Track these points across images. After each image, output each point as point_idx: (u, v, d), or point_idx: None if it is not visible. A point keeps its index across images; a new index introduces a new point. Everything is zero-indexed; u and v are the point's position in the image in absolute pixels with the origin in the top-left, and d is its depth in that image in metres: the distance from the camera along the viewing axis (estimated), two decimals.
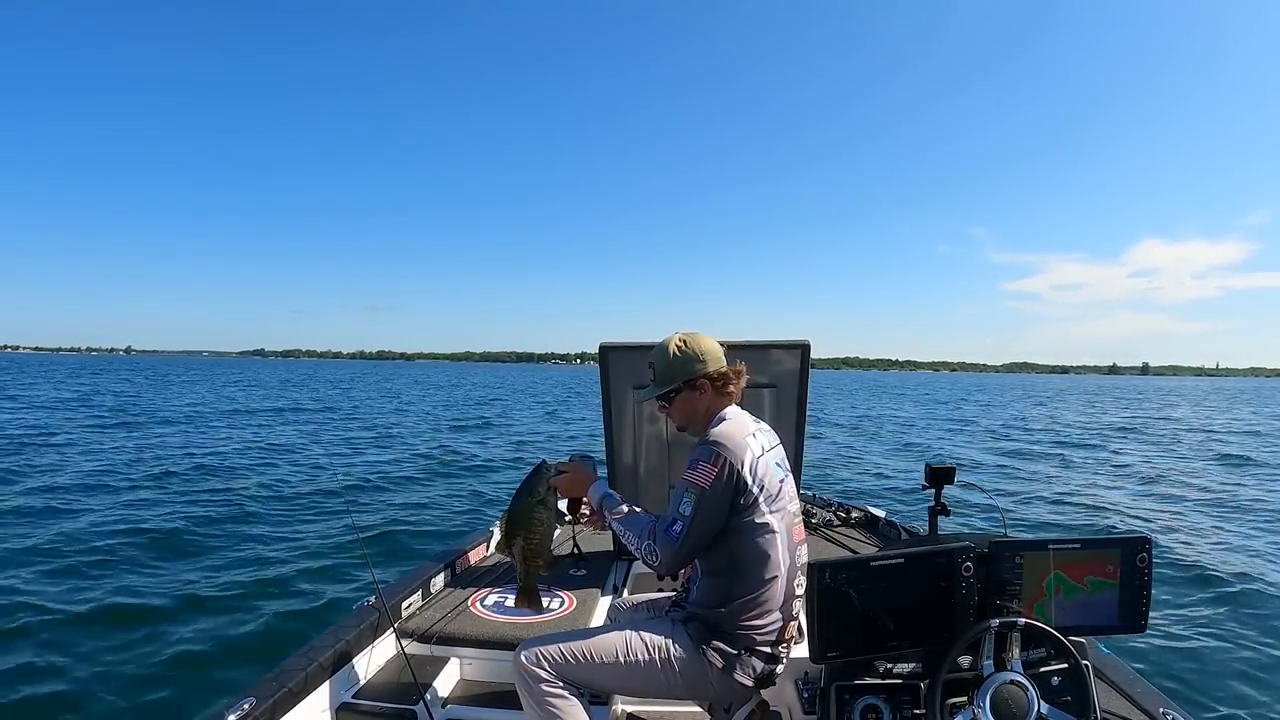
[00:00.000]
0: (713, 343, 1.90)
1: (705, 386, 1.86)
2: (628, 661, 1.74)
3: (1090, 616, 1.59)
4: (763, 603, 1.74)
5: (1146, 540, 1.59)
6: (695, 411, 1.88)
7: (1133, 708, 1.77)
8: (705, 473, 1.69)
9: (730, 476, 1.69)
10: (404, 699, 2.07)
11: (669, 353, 1.88)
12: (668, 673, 1.74)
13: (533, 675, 1.72)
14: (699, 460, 1.72)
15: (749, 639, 1.73)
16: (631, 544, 1.79)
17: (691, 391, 1.87)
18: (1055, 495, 9.68)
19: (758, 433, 1.83)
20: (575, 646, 1.76)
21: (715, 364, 1.87)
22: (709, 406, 1.87)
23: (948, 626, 1.55)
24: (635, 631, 1.79)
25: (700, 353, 1.86)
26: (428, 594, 2.67)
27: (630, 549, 1.81)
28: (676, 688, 1.79)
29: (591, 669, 1.75)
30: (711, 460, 1.70)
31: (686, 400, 1.88)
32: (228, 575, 5.29)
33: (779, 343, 2.88)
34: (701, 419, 1.87)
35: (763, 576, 1.73)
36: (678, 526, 1.70)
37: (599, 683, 1.81)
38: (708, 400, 1.87)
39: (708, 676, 1.74)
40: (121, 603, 4.62)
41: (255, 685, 1.86)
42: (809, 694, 1.93)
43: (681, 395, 1.88)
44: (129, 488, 8.60)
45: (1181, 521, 7.94)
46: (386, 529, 6.88)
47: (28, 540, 5.97)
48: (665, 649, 1.75)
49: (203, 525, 6.78)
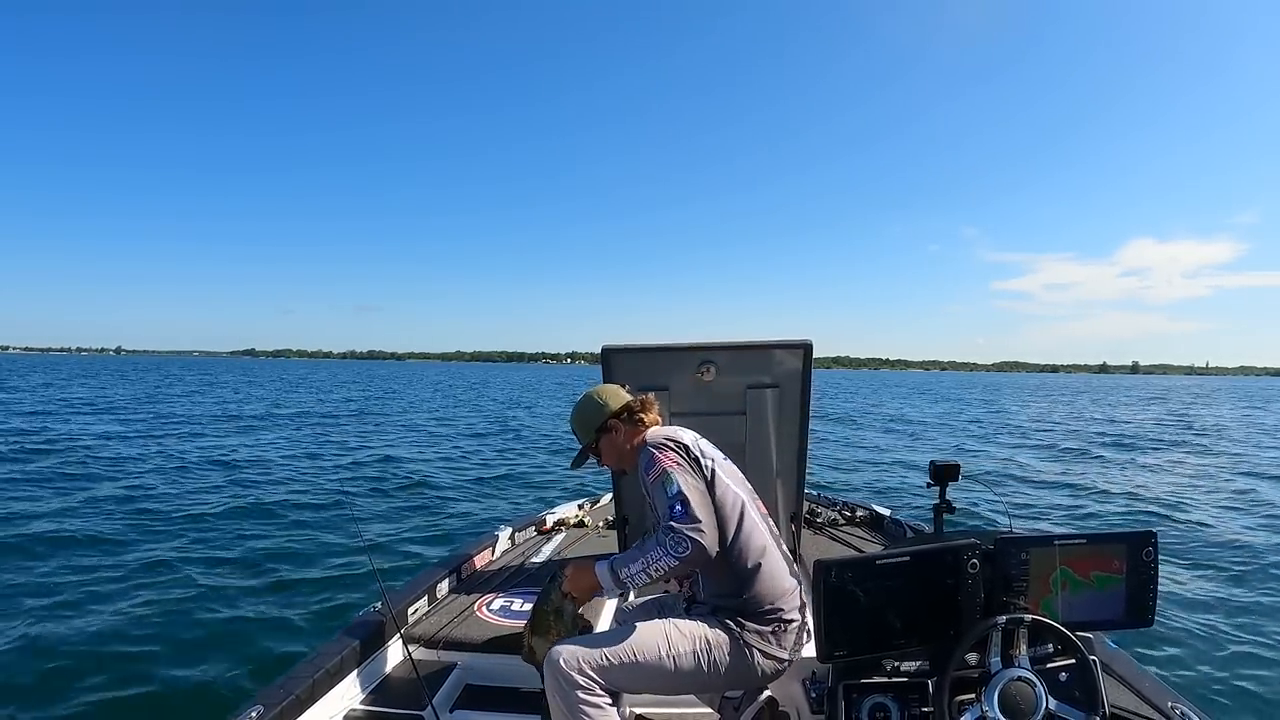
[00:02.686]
0: (613, 388, 2.08)
1: (617, 426, 2.01)
2: (671, 656, 1.73)
3: (1097, 612, 1.59)
4: (770, 573, 1.79)
5: (1152, 535, 1.59)
6: (620, 450, 2.02)
7: (1141, 702, 1.77)
8: (663, 458, 1.79)
9: (680, 450, 1.82)
10: (411, 704, 2.07)
11: (577, 411, 2.06)
12: (710, 662, 1.74)
13: (570, 680, 1.67)
14: (649, 460, 1.82)
15: (778, 611, 1.78)
16: (661, 567, 1.70)
17: (607, 435, 2.02)
18: (1060, 491, 9.68)
19: (684, 430, 1.96)
20: (614, 647, 1.73)
21: (617, 402, 2.02)
22: (628, 440, 2.00)
23: (954, 624, 1.55)
24: (672, 624, 1.79)
25: (601, 400, 2.03)
26: (434, 599, 2.67)
27: (659, 568, 1.70)
28: (720, 679, 1.79)
29: (634, 668, 1.72)
30: (657, 449, 1.82)
31: (608, 444, 2.03)
32: (232, 581, 5.29)
33: (781, 343, 2.89)
34: (630, 455, 1.98)
35: (756, 549, 1.80)
36: (677, 507, 1.71)
37: (640, 682, 1.78)
38: (624, 436, 2.01)
39: (749, 661, 1.75)
40: (120, 608, 4.61)
41: (261, 694, 1.85)
42: (816, 693, 1.93)
43: (603, 442, 2.03)
44: (130, 485, 8.61)
45: (1188, 515, 7.93)
46: (392, 534, 6.88)
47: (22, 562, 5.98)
48: (705, 639, 1.76)
49: (206, 531, 6.78)
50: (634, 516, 3.18)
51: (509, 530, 3.57)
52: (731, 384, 2.94)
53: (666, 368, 2.90)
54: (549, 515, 3.96)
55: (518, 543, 3.58)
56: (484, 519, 7.67)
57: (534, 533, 3.75)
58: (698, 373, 2.89)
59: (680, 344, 2.91)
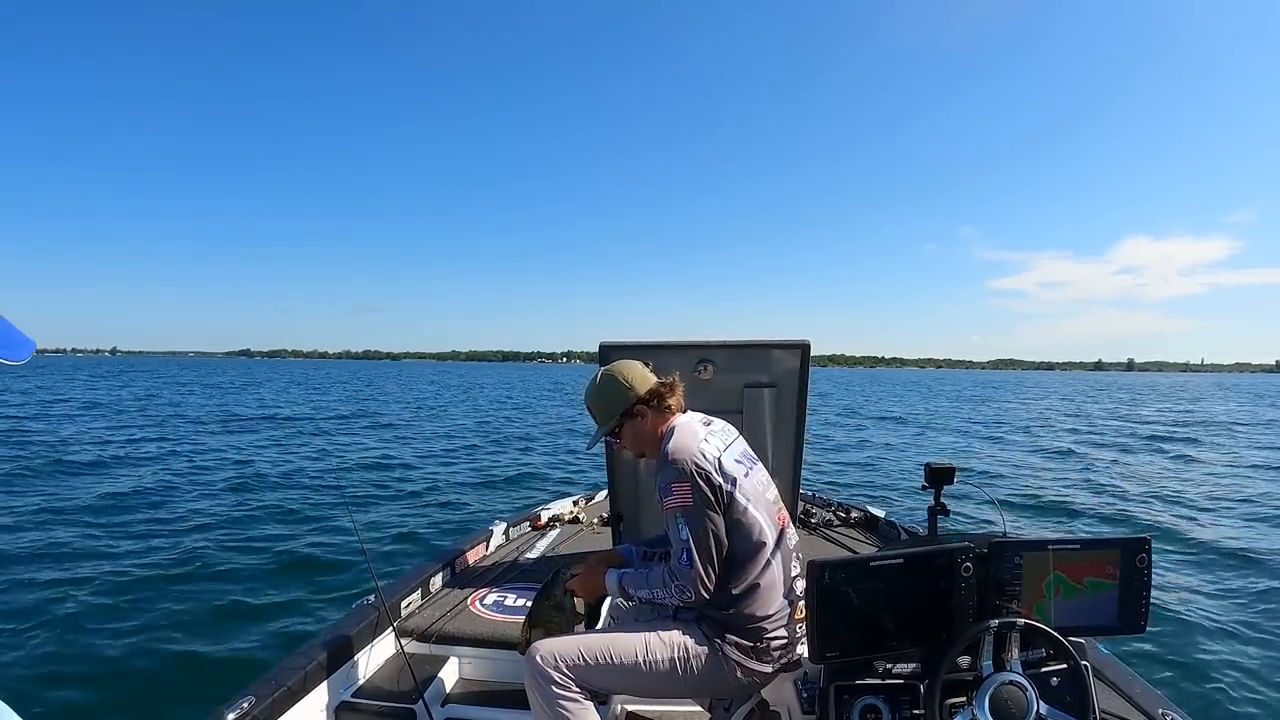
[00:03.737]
0: (636, 366, 1.96)
1: (643, 411, 1.91)
2: (647, 662, 1.74)
3: (1089, 617, 1.59)
4: (765, 591, 1.77)
5: (1146, 541, 1.58)
6: (644, 436, 1.93)
7: (1132, 708, 1.77)
8: (681, 492, 1.73)
9: (703, 482, 1.73)
10: (403, 698, 2.07)
11: (599, 392, 1.94)
12: (686, 671, 1.75)
13: (546, 676, 1.71)
14: (669, 484, 1.75)
15: (761, 629, 1.76)
16: (665, 598, 1.77)
17: (632, 420, 1.92)
18: (1055, 494, 9.70)
19: (710, 435, 1.86)
20: (593, 647, 1.76)
21: (644, 386, 1.91)
22: (654, 427, 1.91)
23: (947, 627, 1.55)
24: (653, 631, 1.79)
25: (625, 380, 1.91)
26: (427, 593, 2.67)
27: (667, 602, 1.78)
28: (694, 686, 1.80)
29: (610, 670, 1.74)
30: (681, 478, 1.74)
31: (631, 429, 1.93)
32: (225, 573, 5.29)
33: (779, 342, 2.89)
34: (653, 441, 1.91)
35: (757, 566, 1.76)
36: (684, 557, 1.71)
37: (615, 683, 1.81)
38: (650, 422, 1.91)
39: (725, 672, 1.75)
40: (115, 600, 4.61)
41: (254, 684, 1.85)
42: (808, 694, 1.93)
43: (625, 426, 1.93)
44: (128, 487, 8.60)
45: (1182, 521, 7.94)
46: (386, 528, 6.88)
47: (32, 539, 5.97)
48: (684, 648, 1.76)
49: (200, 525, 6.77)
50: (628, 512, 3.18)
51: (503, 526, 3.56)
52: (729, 382, 2.94)
53: (664, 365, 2.89)
54: (543, 511, 3.96)
55: (512, 538, 3.58)
56: (479, 514, 7.67)
57: (528, 528, 3.75)
58: (695, 371, 2.89)
59: (678, 341, 2.90)
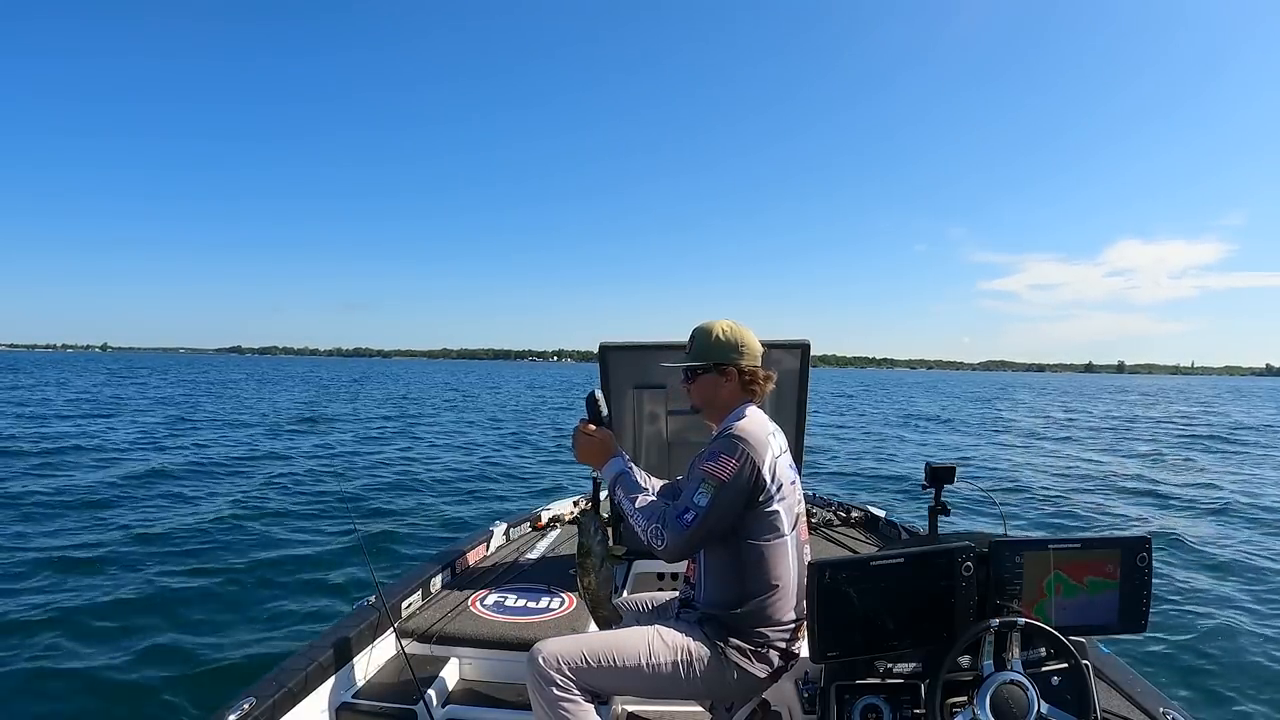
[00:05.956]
0: (756, 340, 1.93)
1: (734, 375, 1.87)
2: (649, 663, 1.73)
3: (1090, 616, 1.59)
4: (776, 601, 1.76)
5: (1146, 541, 1.59)
6: (715, 396, 1.89)
7: (1133, 707, 1.77)
8: (726, 465, 1.70)
9: (751, 473, 1.71)
10: (404, 699, 2.07)
11: (711, 334, 1.90)
12: (689, 674, 1.74)
13: (547, 677, 1.69)
14: (720, 453, 1.72)
15: (765, 636, 1.76)
16: (639, 524, 1.78)
17: (719, 375, 1.88)
18: (1056, 494, 9.69)
19: (775, 433, 1.85)
20: (595, 648, 1.74)
21: (750, 359, 1.89)
22: (730, 397, 1.88)
23: (948, 626, 1.55)
24: (655, 632, 1.78)
25: (740, 343, 1.89)
26: (428, 594, 2.67)
27: (636, 529, 1.79)
28: (695, 688, 1.79)
29: (611, 671, 1.73)
30: (734, 454, 1.71)
31: (711, 382, 1.89)
32: (227, 573, 5.28)
33: (779, 342, 2.88)
34: (719, 406, 1.89)
35: (774, 575, 1.75)
36: (689, 515, 1.69)
37: (617, 684, 1.79)
38: (730, 390, 1.88)
39: (726, 675, 1.75)
40: (117, 600, 4.61)
41: (255, 685, 1.85)
42: (809, 694, 1.93)
43: (708, 376, 1.89)
44: (128, 486, 8.60)
45: (1182, 520, 7.95)
46: (387, 528, 6.87)
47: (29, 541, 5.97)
48: (686, 650, 1.75)
49: (200, 525, 6.77)
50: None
51: (504, 526, 3.56)
52: None
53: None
54: (544, 511, 3.96)
55: (512, 539, 3.58)
56: (479, 515, 7.67)
57: (529, 529, 3.75)
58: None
59: (678, 342, 2.90)
